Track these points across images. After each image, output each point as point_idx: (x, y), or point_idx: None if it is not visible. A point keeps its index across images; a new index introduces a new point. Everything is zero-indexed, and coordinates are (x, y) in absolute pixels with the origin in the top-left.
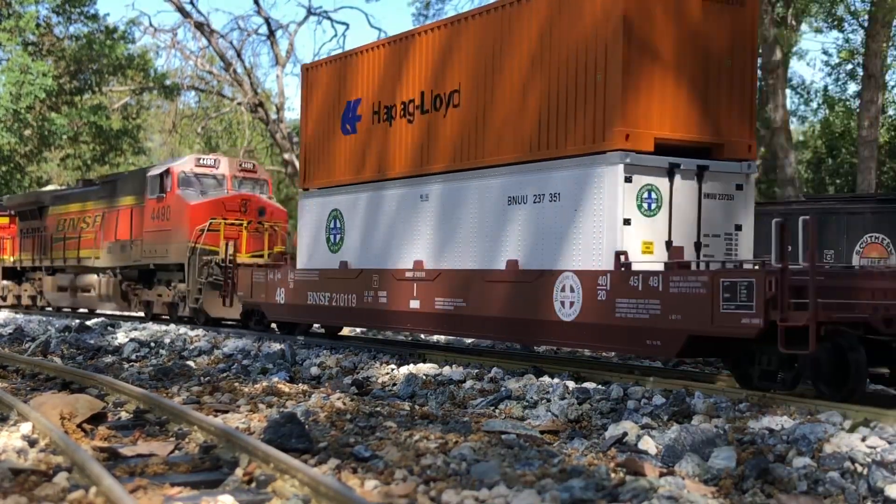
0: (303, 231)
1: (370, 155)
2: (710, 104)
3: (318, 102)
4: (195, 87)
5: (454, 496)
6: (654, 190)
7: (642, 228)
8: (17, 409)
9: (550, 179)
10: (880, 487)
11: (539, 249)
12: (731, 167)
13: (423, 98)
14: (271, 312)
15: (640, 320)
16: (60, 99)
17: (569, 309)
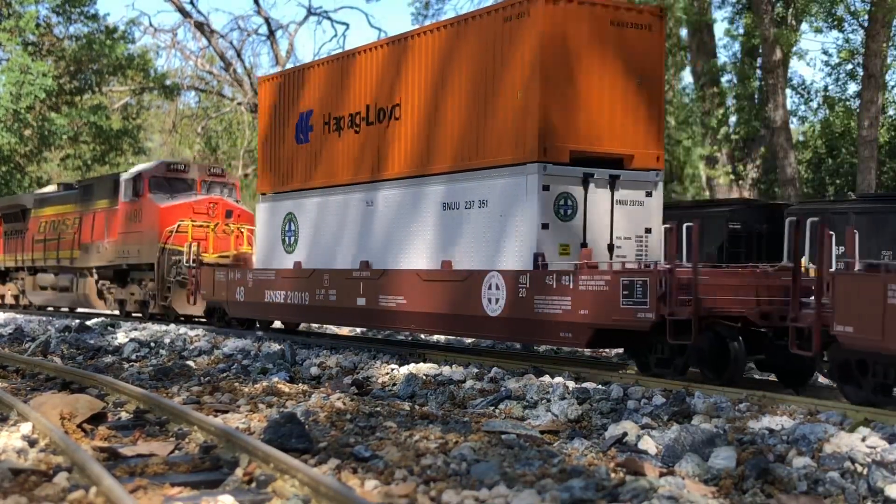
0: (260, 233)
1: (321, 162)
2: (622, 119)
3: (275, 113)
4: (195, 87)
5: (454, 496)
6: (569, 197)
7: (559, 232)
8: (17, 409)
9: (479, 188)
10: (880, 487)
11: (470, 251)
12: (640, 176)
13: (369, 111)
14: (232, 309)
15: (554, 315)
16: (60, 99)
17: (495, 305)
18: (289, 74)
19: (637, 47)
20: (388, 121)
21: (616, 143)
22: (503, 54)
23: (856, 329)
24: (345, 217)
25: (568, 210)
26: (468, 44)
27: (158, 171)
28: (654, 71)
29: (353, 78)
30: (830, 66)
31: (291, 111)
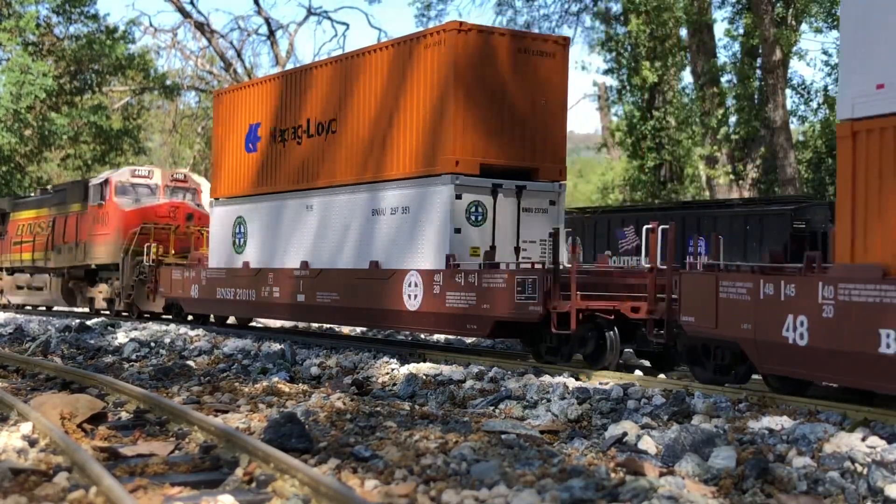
0: (213, 235)
1: (267, 170)
2: (528, 136)
3: (227, 124)
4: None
5: (454, 496)
6: (480, 205)
7: (470, 236)
8: (18, 409)
9: (401, 196)
10: (880, 487)
11: (393, 252)
12: (544, 187)
13: (310, 124)
14: (187, 305)
15: (462, 308)
16: (61, 99)
17: (413, 300)
18: (240, 89)
19: (542, 72)
20: (326, 134)
21: (522, 157)
22: (424, 77)
23: (696, 319)
24: (287, 221)
25: (478, 216)
26: (395, 67)
27: (123, 176)
28: (558, 93)
29: (296, 94)
30: (830, 66)
31: (242, 123)
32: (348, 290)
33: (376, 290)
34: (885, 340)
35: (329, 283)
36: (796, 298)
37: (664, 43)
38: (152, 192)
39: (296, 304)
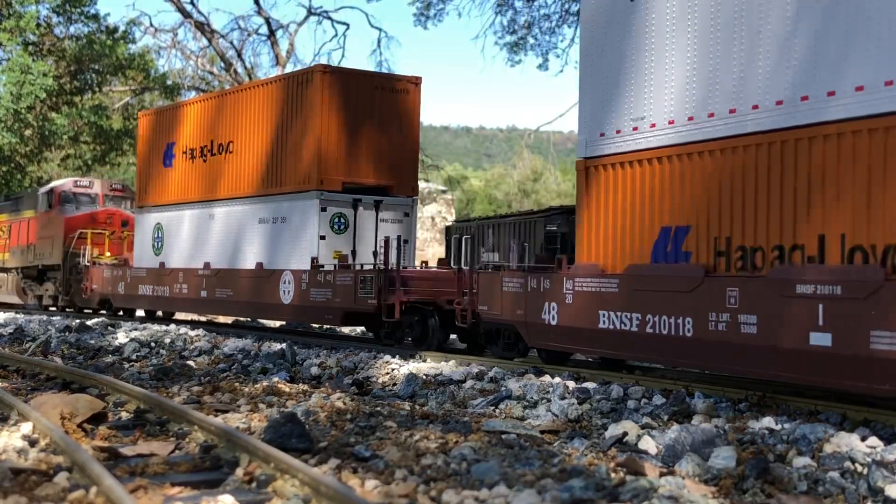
0: (137, 239)
1: (180, 183)
2: (384, 159)
3: (149, 142)
4: (196, 87)
5: (454, 496)
6: (342, 216)
7: (334, 242)
8: (18, 409)
9: (281, 207)
10: (880, 487)
11: (273, 255)
12: (399, 201)
13: (213, 145)
14: (116, 301)
15: (322, 301)
16: (61, 99)
17: (287, 295)
18: (160, 112)
19: (396, 106)
20: (224, 153)
21: (379, 177)
22: (297, 109)
23: (488, 308)
24: (195, 227)
25: (341, 226)
26: (276, 99)
27: (67, 186)
28: (411, 123)
29: (204, 118)
30: None
31: (161, 142)
32: (240, 286)
33: (260, 287)
34: (602, 318)
35: (225, 281)
36: (550, 290)
37: None
38: (92, 200)
39: (199, 299)
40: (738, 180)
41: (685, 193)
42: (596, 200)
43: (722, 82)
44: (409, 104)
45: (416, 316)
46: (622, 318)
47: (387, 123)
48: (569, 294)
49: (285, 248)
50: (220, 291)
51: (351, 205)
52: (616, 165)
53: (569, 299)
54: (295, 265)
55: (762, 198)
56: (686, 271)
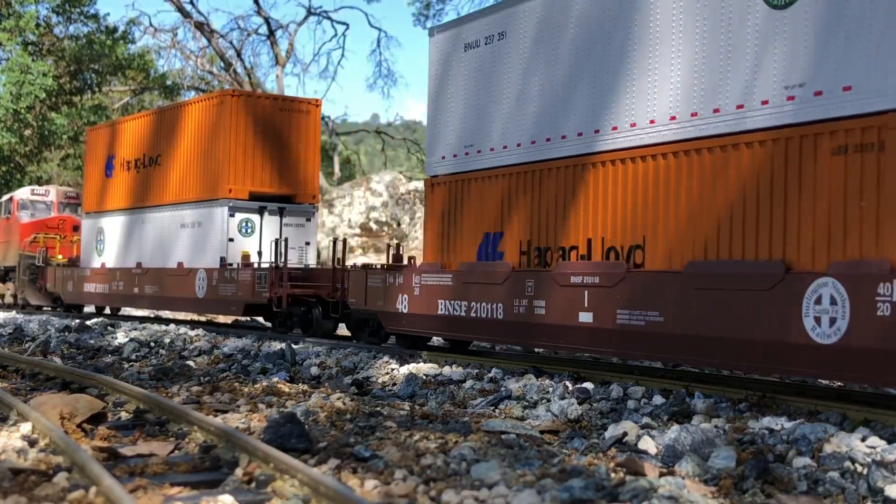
0: (84, 242)
1: (118, 192)
2: (287, 171)
3: (93, 154)
4: (196, 87)
5: (454, 496)
6: (249, 221)
7: (242, 244)
8: (17, 409)
9: (197, 214)
10: (880, 487)
11: (192, 255)
12: (301, 208)
13: (144, 158)
14: (66, 297)
15: (228, 295)
16: (60, 99)
17: (201, 290)
18: (103, 127)
19: (298, 124)
20: (154, 166)
21: (282, 186)
22: (214, 127)
23: (356, 300)
24: (129, 231)
25: (248, 230)
26: (195, 119)
27: (25, 194)
28: (311, 140)
29: (138, 134)
30: None
31: (103, 154)
32: (165, 283)
33: (181, 283)
34: (440, 306)
35: (153, 278)
36: (403, 284)
37: None
38: (48, 207)
39: (133, 295)
40: (534, 197)
41: (498, 207)
42: (438, 210)
43: (520, 122)
44: (311, 123)
45: (303, 307)
46: (454, 305)
47: (290, 140)
48: (416, 287)
49: (201, 249)
50: (149, 288)
51: (257, 211)
52: (451, 183)
53: (416, 291)
54: (208, 264)
55: (550, 210)
56: (499, 267)
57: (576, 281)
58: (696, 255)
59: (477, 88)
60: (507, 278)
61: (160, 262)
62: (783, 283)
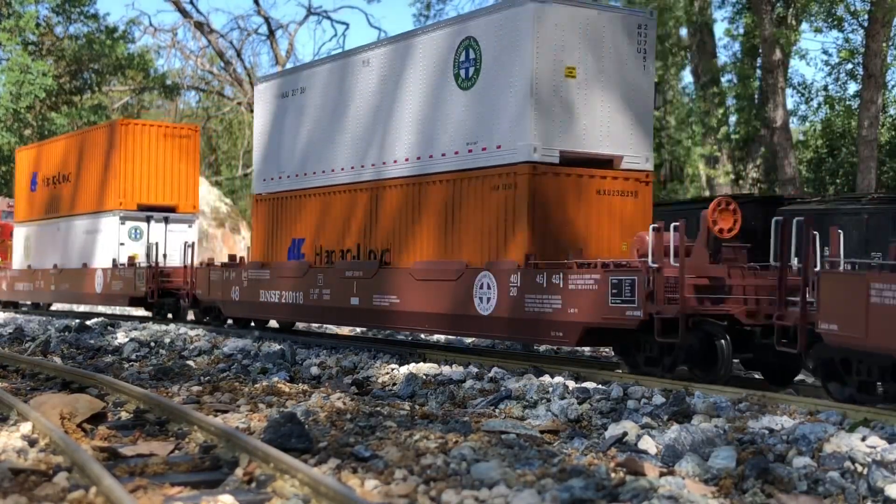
0: (15, 247)
1: (40, 204)
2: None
3: (22, 171)
4: (195, 87)
5: (454, 496)
6: (138, 228)
7: (130, 248)
8: (17, 409)
9: (97, 223)
10: (880, 487)
11: (92, 257)
12: (184, 216)
13: (59, 175)
14: (1, 296)
15: (118, 290)
16: (60, 99)
17: (99, 287)
18: (30, 148)
19: (180, 147)
20: (66, 182)
21: (166, 198)
22: (109, 149)
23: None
24: (49, 237)
25: (137, 235)
26: (97, 141)
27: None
28: (192, 159)
29: (56, 154)
30: (830, 66)
31: (29, 171)
32: (72, 281)
33: (85, 281)
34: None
35: (66, 277)
36: (236, 278)
37: (664, 43)
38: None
39: (50, 292)
40: (322, 213)
41: (301, 219)
42: (261, 221)
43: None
44: (191, 146)
45: (172, 298)
46: (270, 294)
47: (173, 160)
48: (245, 280)
49: (98, 251)
50: (62, 285)
51: (144, 219)
52: (270, 200)
53: (245, 284)
54: (104, 264)
55: (333, 223)
56: (302, 265)
57: (349, 275)
58: (417, 256)
59: (286, 129)
60: (306, 273)
61: (71, 263)
62: (464, 275)
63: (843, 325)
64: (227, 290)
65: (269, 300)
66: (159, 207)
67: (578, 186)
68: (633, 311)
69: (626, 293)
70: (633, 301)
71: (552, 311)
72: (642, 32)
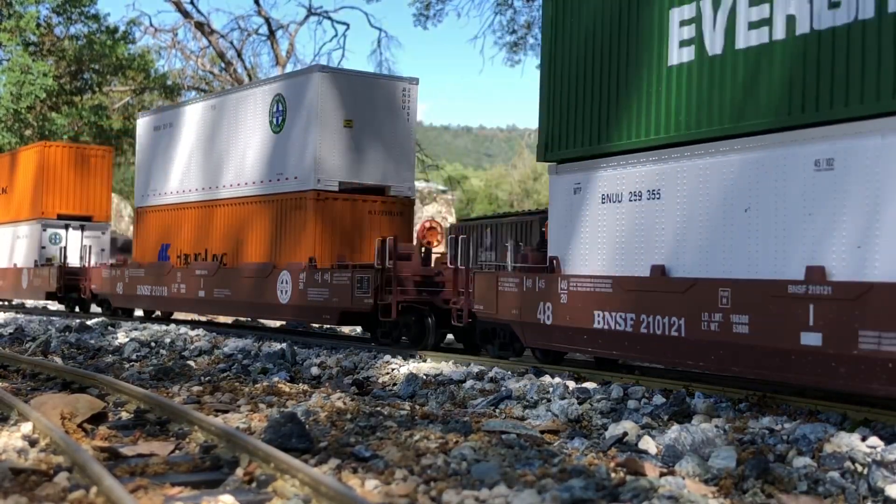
0: None
1: None
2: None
3: None
4: (196, 87)
5: (454, 496)
6: (58, 234)
7: (50, 251)
8: (18, 409)
9: (24, 228)
10: (880, 487)
11: (21, 258)
12: (98, 225)
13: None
14: None
15: (37, 285)
16: (61, 99)
17: (25, 283)
18: None
19: (93, 166)
20: (4, 194)
21: (81, 209)
22: (36, 168)
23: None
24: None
25: (57, 240)
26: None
27: None
28: (105, 177)
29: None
30: None
31: None
32: (7, 278)
33: (15, 278)
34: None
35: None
36: (119, 275)
37: None
38: None
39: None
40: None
41: (166, 228)
42: (140, 229)
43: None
44: (104, 165)
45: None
46: (144, 288)
47: (89, 177)
48: (126, 277)
49: (25, 254)
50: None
51: (63, 227)
52: (147, 212)
53: (127, 280)
54: (28, 264)
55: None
56: (166, 265)
57: (198, 273)
58: (244, 259)
59: (157, 155)
60: (169, 272)
61: (6, 263)
62: (271, 273)
63: (486, 306)
64: (114, 286)
65: (143, 293)
66: (77, 217)
67: (354, 208)
68: (368, 299)
69: (364, 286)
70: (368, 292)
71: (323, 300)
72: (406, 94)
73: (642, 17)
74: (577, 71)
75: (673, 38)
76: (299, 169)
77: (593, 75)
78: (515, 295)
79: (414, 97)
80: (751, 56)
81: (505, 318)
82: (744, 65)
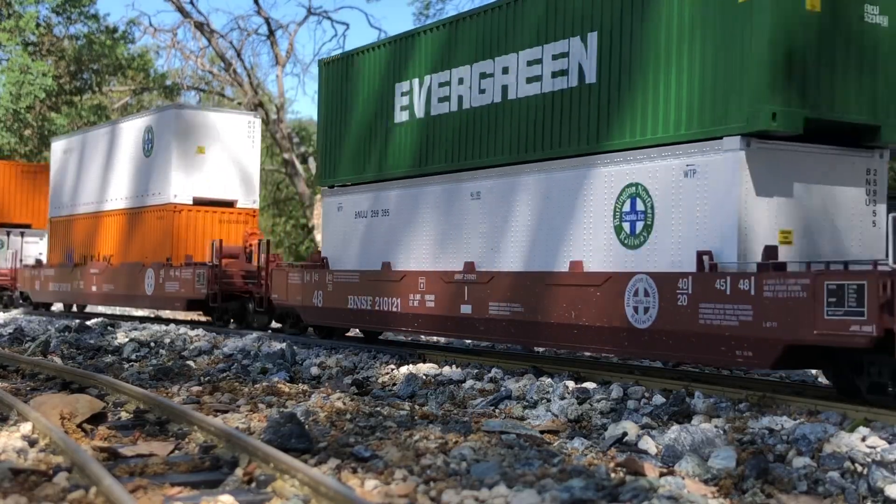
0: None
1: None
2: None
3: None
4: (196, 88)
5: (454, 496)
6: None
7: (8, 253)
8: (18, 409)
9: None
10: (880, 487)
11: None
12: (37, 232)
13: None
14: None
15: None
16: (60, 99)
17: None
18: None
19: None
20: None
21: (23, 217)
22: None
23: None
24: None
25: (1, 246)
26: None
27: None
28: (43, 189)
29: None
30: None
31: None
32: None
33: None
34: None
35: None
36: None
37: None
38: None
39: None
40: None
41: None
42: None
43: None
44: (43, 179)
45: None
46: (55, 285)
47: (29, 190)
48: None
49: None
50: None
51: (6, 233)
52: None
53: (43, 278)
54: None
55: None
56: (69, 265)
57: (92, 272)
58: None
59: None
60: (72, 271)
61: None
62: (140, 270)
63: (280, 294)
64: (34, 283)
65: (54, 289)
66: (18, 225)
67: (206, 218)
68: (203, 290)
69: (201, 279)
70: (204, 284)
71: (174, 291)
72: (251, 126)
73: (382, 86)
74: (342, 120)
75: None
76: (162, 186)
77: (351, 125)
78: (299, 286)
79: (257, 129)
80: (438, 120)
81: (292, 303)
82: (433, 126)
